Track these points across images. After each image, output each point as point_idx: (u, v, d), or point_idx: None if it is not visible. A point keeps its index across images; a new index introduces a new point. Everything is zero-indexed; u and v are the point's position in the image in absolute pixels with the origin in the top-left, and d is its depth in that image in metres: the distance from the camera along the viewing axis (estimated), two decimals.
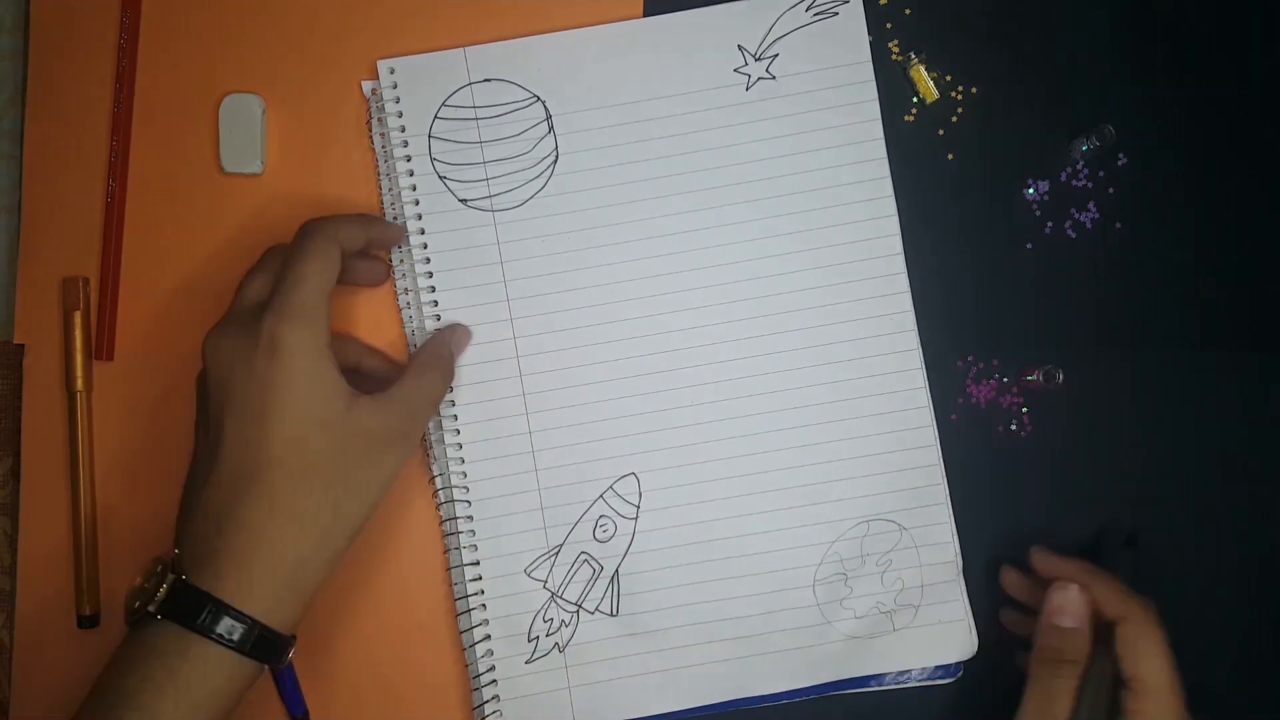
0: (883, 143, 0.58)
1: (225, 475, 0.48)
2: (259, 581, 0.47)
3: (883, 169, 0.57)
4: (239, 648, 0.46)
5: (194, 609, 0.46)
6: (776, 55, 0.58)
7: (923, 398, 0.57)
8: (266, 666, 0.48)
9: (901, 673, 0.57)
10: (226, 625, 0.46)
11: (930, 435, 0.57)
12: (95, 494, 0.57)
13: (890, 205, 0.57)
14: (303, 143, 0.58)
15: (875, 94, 0.58)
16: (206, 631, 0.46)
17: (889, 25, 0.59)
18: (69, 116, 0.58)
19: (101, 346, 0.57)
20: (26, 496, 0.57)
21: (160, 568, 0.48)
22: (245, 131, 0.57)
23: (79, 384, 0.57)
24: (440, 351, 0.54)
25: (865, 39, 0.58)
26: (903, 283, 0.57)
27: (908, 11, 0.59)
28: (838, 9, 0.58)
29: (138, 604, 0.47)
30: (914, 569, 0.57)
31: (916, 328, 0.57)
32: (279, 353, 0.48)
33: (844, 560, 0.57)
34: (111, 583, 0.57)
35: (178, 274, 0.58)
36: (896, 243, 0.57)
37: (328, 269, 0.50)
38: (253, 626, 0.47)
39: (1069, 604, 0.51)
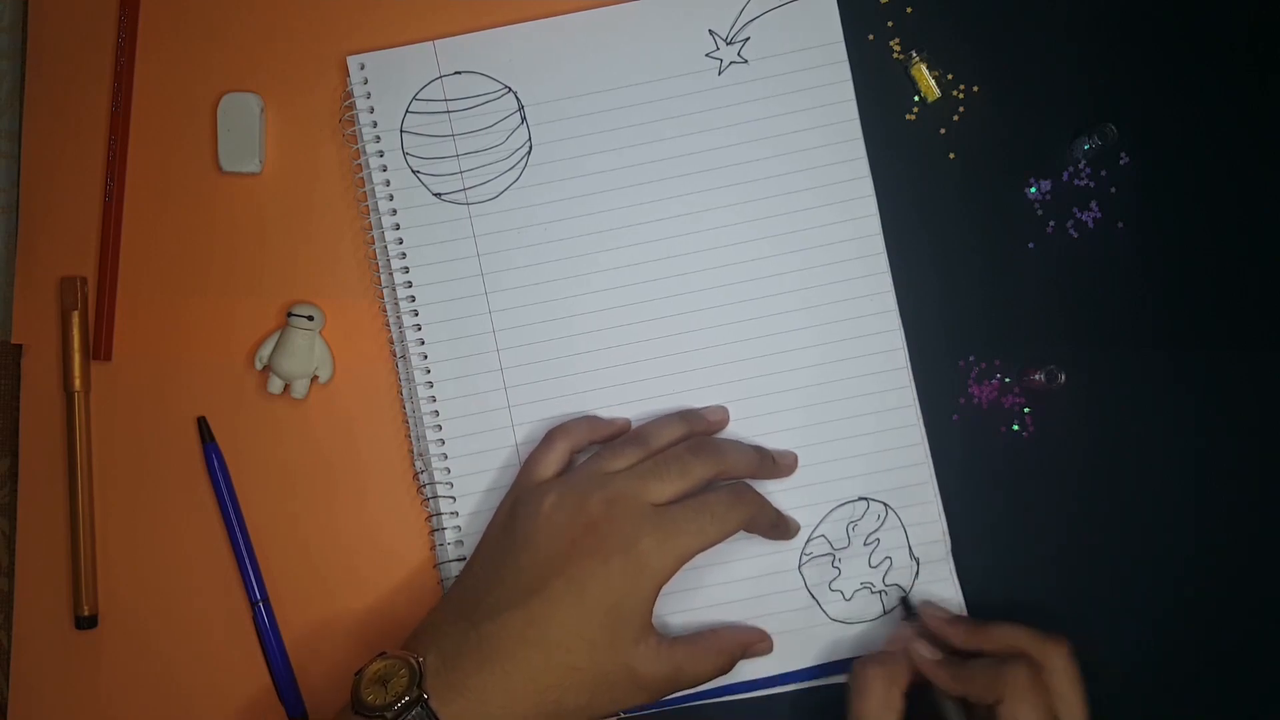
0: (858, 123, 0.57)
1: (516, 622, 0.49)
2: None
3: (859, 149, 0.57)
4: None
5: None
6: (748, 39, 0.57)
7: (905, 377, 0.57)
8: None
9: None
10: None
11: (913, 414, 0.57)
12: (93, 494, 0.57)
13: (868, 185, 0.57)
14: (301, 142, 0.58)
15: (849, 75, 0.58)
16: None
17: (890, 24, 0.59)
18: (67, 115, 0.59)
19: (99, 346, 0.57)
20: (24, 497, 0.57)
21: (412, 682, 0.47)
22: (243, 130, 0.57)
23: (77, 384, 0.57)
24: (734, 650, 0.54)
25: (837, 19, 0.58)
26: (883, 263, 0.57)
27: (909, 10, 0.59)
28: None
29: (373, 699, 0.47)
30: (902, 549, 0.56)
31: (898, 308, 0.57)
32: (637, 572, 0.49)
33: (831, 541, 0.56)
34: (109, 583, 0.57)
35: (176, 274, 0.58)
36: (875, 223, 0.57)
37: (723, 538, 0.51)
38: None
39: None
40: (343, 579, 0.57)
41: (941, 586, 0.56)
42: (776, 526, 0.55)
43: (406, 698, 0.47)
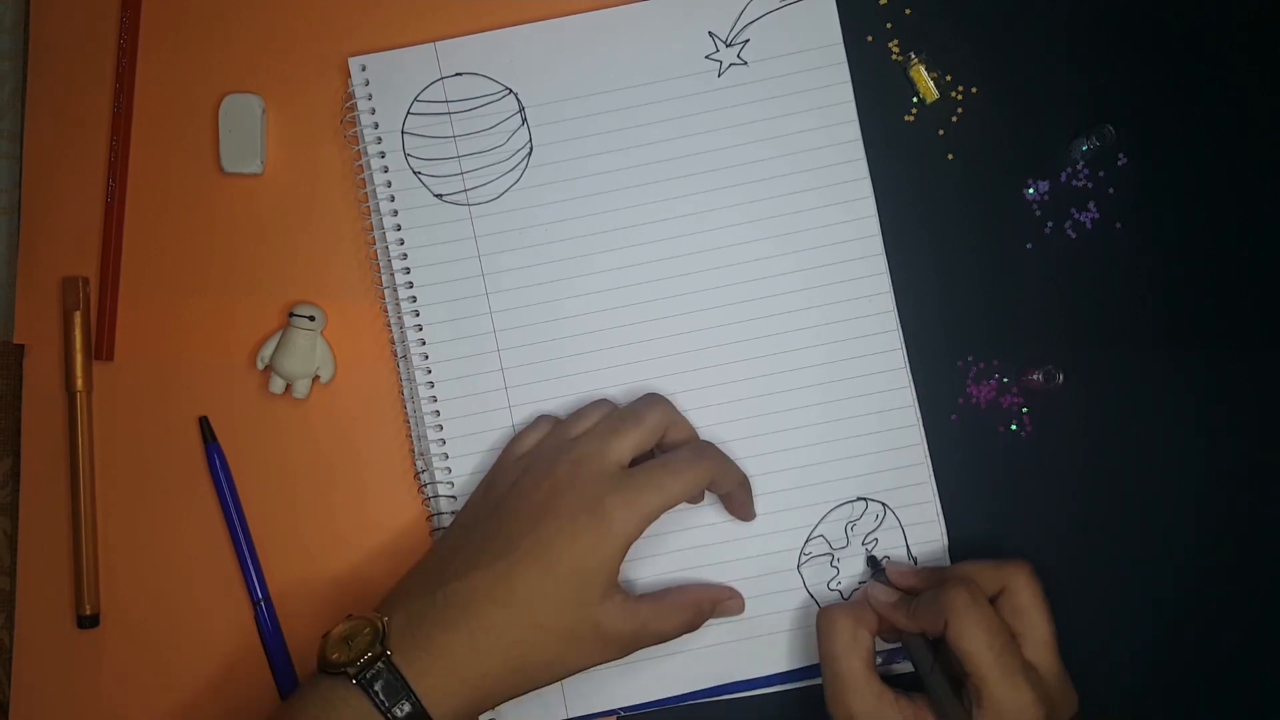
0: (857, 125, 0.58)
1: (482, 583, 0.49)
2: (453, 692, 0.48)
3: (858, 150, 0.58)
4: None
5: (393, 693, 0.47)
6: (748, 41, 0.58)
7: (904, 378, 0.57)
8: None
9: (894, 650, 0.56)
10: (408, 715, 0.48)
11: (912, 415, 0.57)
12: (95, 494, 0.57)
13: (866, 187, 0.57)
14: (302, 142, 0.58)
15: (848, 76, 0.58)
16: (392, 716, 0.47)
17: (889, 25, 0.59)
18: (69, 116, 0.59)
19: (101, 346, 0.57)
20: (26, 497, 0.58)
21: (375, 640, 0.48)
22: (245, 131, 0.57)
23: (79, 384, 0.57)
24: (702, 605, 0.54)
25: (836, 21, 0.58)
26: (881, 264, 0.57)
27: (908, 11, 0.59)
28: None
29: (337, 656, 0.48)
30: (900, 548, 0.57)
31: (895, 308, 0.57)
32: (603, 530, 0.50)
33: (830, 541, 0.56)
34: (111, 583, 0.57)
35: (178, 274, 0.58)
36: (874, 224, 0.57)
37: (687, 496, 0.52)
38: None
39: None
40: (345, 578, 0.57)
41: None
42: (743, 486, 0.55)
43: (369, 654, 0.47)
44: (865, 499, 0.57)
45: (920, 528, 0.57)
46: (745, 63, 0.58)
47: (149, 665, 0.57)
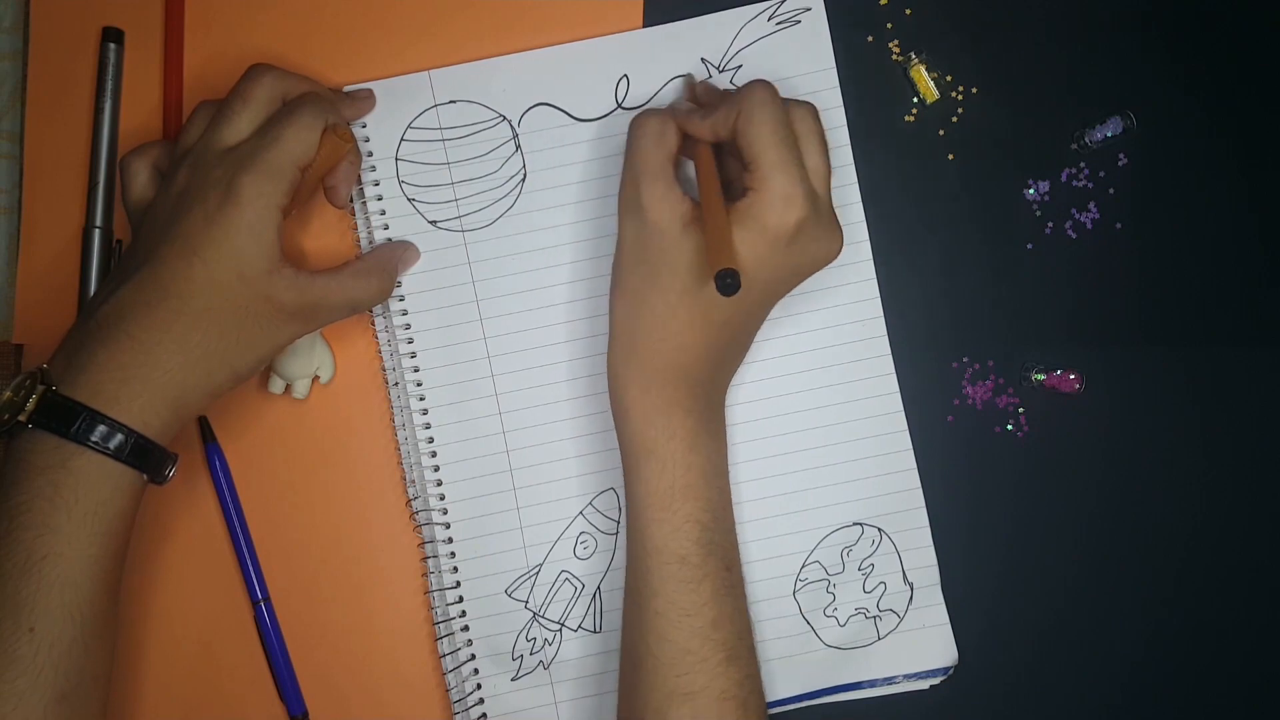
0: (849, 149, 0.57)
1: (129, 294, 0.48)
2: (136, 395, 0.47)
3: (849, 175, 0.57)
4: (117, 455, 0.46)
5: (67, 418, 0.45)
6: (740, 66, 0.57)
7: (896, 403, 0.57)
8: (148, 479, 0.48)
9: (890, 677, 0.57)
10: (101, 433, 0.46)
11: (905, 440, 0.57)
12: None
13: (859, 212, 0.57)
14: None
15: (841, 101, 0.57)
16: (82, 440, 0.45)
17: (889, 25, 0.59)
18: (68, 116, 0.58)
19: None
20: None
21: (29, 380, 0.46)
22: None
23: None
24: (386, 265, 0.54)
25: (829, 46, 0.57)
26: (872, 289, 0.57)
27: (908, 11, 0.59)
28: (800, 17, 0.57)
29: (6, 415, 0.46)
30: (896, 574, 0.57)
31: (887, 333, 0.57)
32: (235, 200, 0.49)
33: (825, 567, 0.56)
34: None
35: None
36: (866, 249, 0.57)
37: (309, 142, 0.51)
38: (129, 435, 0.46)
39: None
40: (344, 577, 0.57)
41: (934, 612, 0.57)
42: (354, 104, 0.55)
43: (24, 393, 0.46)
44: (861, 524, 0.57)
45: (916, 552, 0.57)
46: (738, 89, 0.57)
47: (148, 665, 0.57)
